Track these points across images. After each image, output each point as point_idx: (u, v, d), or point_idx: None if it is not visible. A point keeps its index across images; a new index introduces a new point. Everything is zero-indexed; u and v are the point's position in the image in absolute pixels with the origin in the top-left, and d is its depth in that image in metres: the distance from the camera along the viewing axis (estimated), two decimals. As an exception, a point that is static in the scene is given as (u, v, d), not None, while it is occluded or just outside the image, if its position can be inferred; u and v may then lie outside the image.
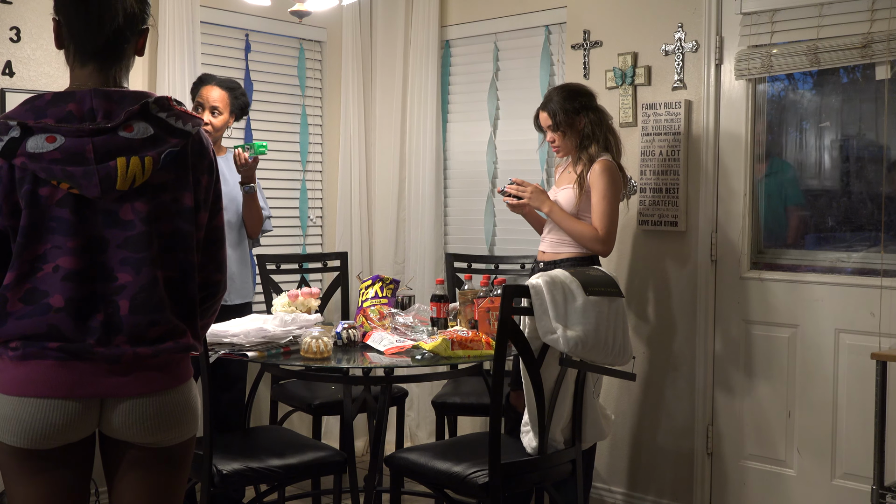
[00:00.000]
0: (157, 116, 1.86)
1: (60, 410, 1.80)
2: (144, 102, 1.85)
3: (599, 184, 3.48)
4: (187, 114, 1.91)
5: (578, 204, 3.51)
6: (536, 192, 3.56)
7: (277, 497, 3.77)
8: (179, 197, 1.90)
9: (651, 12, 3.94)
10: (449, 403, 3.94)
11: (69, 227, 1.81)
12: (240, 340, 3.07)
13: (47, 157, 1.77)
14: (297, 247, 4.80)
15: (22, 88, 3.63)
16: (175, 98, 1.93)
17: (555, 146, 3.63)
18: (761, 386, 3.71)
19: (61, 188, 1.80)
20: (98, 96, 1.84)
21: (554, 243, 3.60)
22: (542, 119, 3.63)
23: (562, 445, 3.02)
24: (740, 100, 3.72)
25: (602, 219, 3.48)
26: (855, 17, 3.36)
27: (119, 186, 1.80)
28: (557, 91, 3.63)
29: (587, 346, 2.81)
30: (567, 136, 3.58)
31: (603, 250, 3.52)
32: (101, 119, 1.82)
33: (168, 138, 1.86)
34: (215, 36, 4.37)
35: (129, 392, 1.84)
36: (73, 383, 1.80)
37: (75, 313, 1.80)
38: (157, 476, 1.92)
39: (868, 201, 3.51)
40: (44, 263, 1.81)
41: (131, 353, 1.82)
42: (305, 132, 4.81)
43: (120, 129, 1.81)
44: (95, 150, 1.78)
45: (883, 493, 3.07)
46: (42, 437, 1.80)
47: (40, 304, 1.80)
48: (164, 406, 1.87)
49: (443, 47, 4.80)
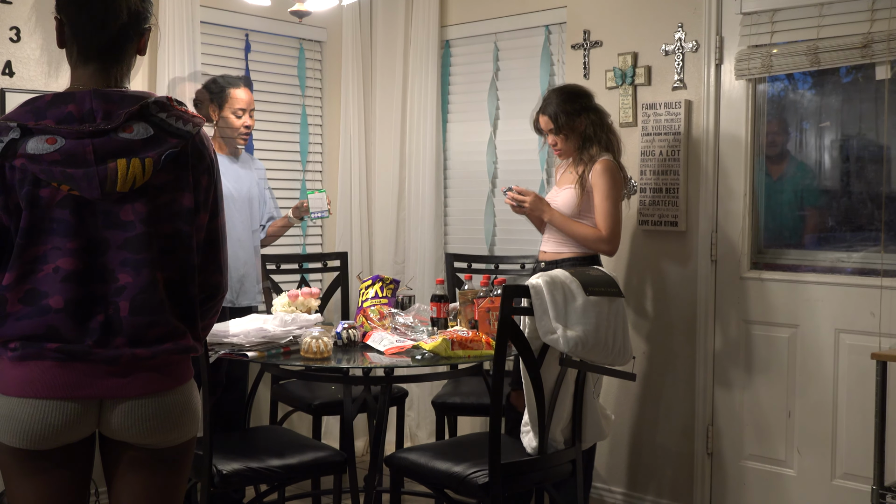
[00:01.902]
0: (157, 117, 1.86)
1: (59, 411, 1.80)
2: (144, 103, 1.84)
3: (601, 184, 3.48)
4: (187, 114, 1.91)
5: (580, 204, 3.51)
6: (535, 200, 3.56)
7: (277, 497, 3.77)
8: (178, 198, 1.89)
9: (651, 12, 3.94)
10: (449, 403, 3.94)
11: (69, 229, 1.81)
12: (240, 340, 3.07)
13: (47, 159, 1.77)
14: (297, 247, 4.80)
15: (22, 88, 3.63)
16: (176, 98, 1.93)
17: (557, 149, 3.63)
18: (761, 386, 3.71)
19: (62, 190, 1.80)
20: (97, 97, 1.83)
21: (556, 243, 3.60)
22: (543, 122, 3.62)
23: (562, 445, 3.02)
24: (740, 100, 3.72)
25: (606, 219, 3.48)
26: (855, 17, 3.36)
27: (119, 188, 1.80)
28: (556, 93, 3.62)
29: (587, 346, 2.81)
30: (569, 139, 3.58)
31: (609, 250, 3.53)
32: (100, 120, 1.81)
33: (168, 139, 1.85)
34: (215, 36, 4.37)
35: (127, 393, 1.84)
36: (72, 384, 1.80)
37: (74, 314, 1.80)
38: (156, 477, 1.91)
39: (868, 201, 3.51)
40: (43, 264, 1.81)
41: (129, 354, 1.82)
42: (305, 132, 4.81)
43: (119, 131, 1.81)
44: (95, 151, 1.78)
45: (883, 493, 3.07)
46: (41, 437, 1.80)
47: (39, 305, 1.80)
48: (163, 407, 1.87)
49: (443, 47, 4.80)
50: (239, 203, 3.78)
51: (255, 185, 3.92)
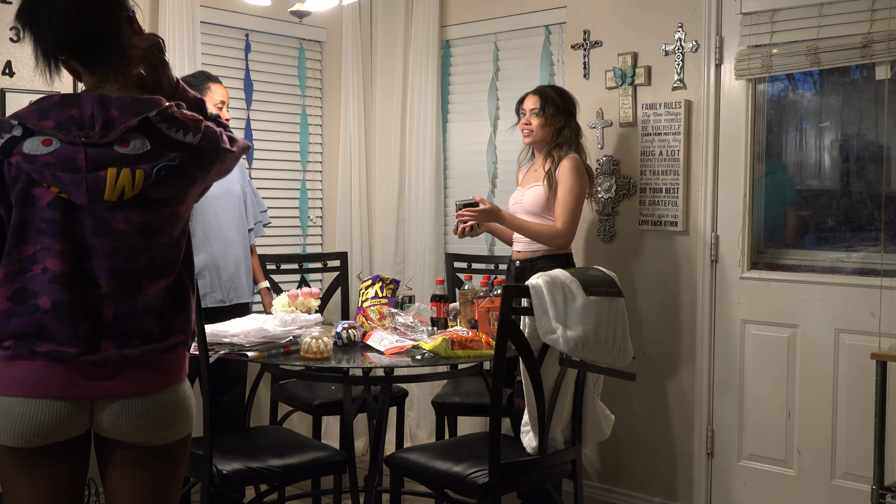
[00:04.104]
0: (158, 128, 1.82)
1: (48, 410, 1.81)
2: (144, 118, 1.81)
3: (567, 179, 3.60)
4: (190, 122, 1.87)
5: (548, 200, 3.63)
6: (484, 212, 3.62)
7: (277, 497, 3.77)
8: (178, 209, 1.89)
9: (651, 12, 3.94)
10: (449, 403, 3.94)
11: (57, 230, 1.81)
12: (240, 340, 3.07)
13: (41, 160, 1.77)
14: (297, 247, 4.80)
15: (22, 88, 3.63)
16: (177, 102, 1.89)
17: (528, 128, 3.73)
18: (761, 386, 3.71)
19: (52, 191, 1.80)
20: (99, 103, 1.82)
21: (529, 242, 3.70)
22: (530, 101, 3.74)
23: (562, 445, 3.03)
24: (740, 100, 3.72)
25: (564, 212, 3.60)
26: (855, 17, 3.36)
27: (107, 197, 1.78)
28: (552, 86, 3.82)
29: (587, 346, 2.81)
30: (544, 127, 3.70)
31: (563, 243, 3.65)
32: (99, 128, 1.80)
33: (166, 152, 1.82)
34: (215, 36, 4.37)
35: (117, 393, 1.84)
36: (62, 384, 1.81)
37: (62, 316, 1.81)
38: (149, 475, 1.92)
39: (868, 201, 3.51)
40: (33, 264, 1.82)
41: (118, 355, 1.83)
42: (305, 132, 4.81)
43: (115, 144, 1.79)
44: (87, 159, 1.77)
45: (883, 493, 3.07)
46: (32, 435, 1.81)
47: (29, 305, 1.81)
48: (153, 406, 1.87)
49: (443, 47, 4.80)
50: (225, 201, 3.74)
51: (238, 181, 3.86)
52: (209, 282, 3.68)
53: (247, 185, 3.95)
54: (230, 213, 3.76)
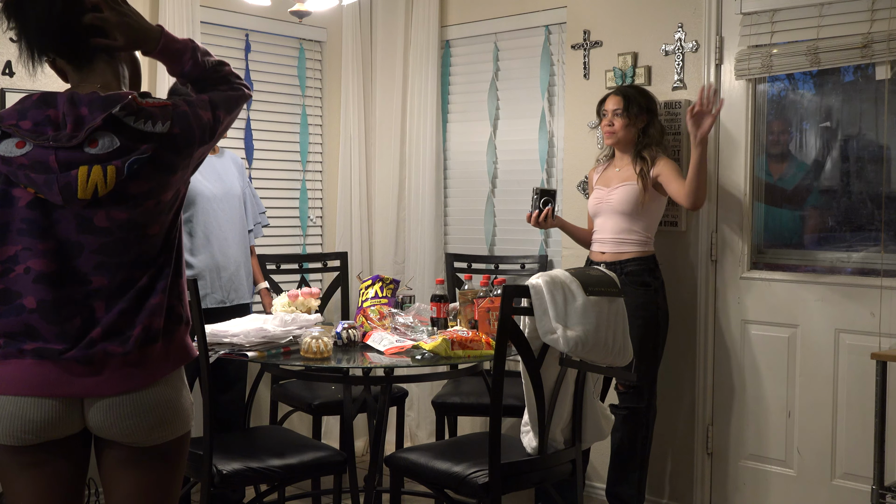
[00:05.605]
0: (124, 122, 1.80)
1: (36, 408, 1.81)
2: (107, 116, 1.79)
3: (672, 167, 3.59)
4: (157, 110, 1.84)
5: (644, 198, 3.59)
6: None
7: (277, 497, 3.78)
8: (163, 198, 1.87)
9: (651, 12, 3.94)
10: (449, 403, 3.94)
11: (39, 230, 1.81)
12: (240, 340, 3.07)
13: (16, 162, 1.78)
14: (297, 247, 4.80)
15: (22, 88, 3.63)
16: (142, 92, 1.87)
17: (610, 130, 3.68)
18: (761, 386, 3.71)
19: (30, 192, 1.80)
20: (69, 102, 1.81)
21: (616, 243, 3.65)
22: (613, 102, 3.68)
23: (562, 445, 3.02)
24: (740, 100, 3.72)
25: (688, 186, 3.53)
26: (855, 17, 3.36)
27: (80, 196, 1.78)
28: (632, 86, 3.77)
29: (587, 346, 2.81)
30: (628, 128, 3.66)
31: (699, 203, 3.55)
32: (70, 128, 1.79)
33: (137, 145, 1.81)
34: (215, 36, 4.37)
35: (103, 391, 1.83)
36: (50, 383, 1.81)
37: (49, 316, 1.81)
38: (145, 474, 1.91)
39: (868, 201, 3.51)
40: (15, 265, 1.82)
41: (101, 351, 1.82)
42: (305, 132, 4.81)
43: (84, 146, 1.78)
44: (58, 161, 1.77)
45: (883, 493, 3.07)
46: (23, 433, 1.82)
47: (14, 305, 1.81)
48: (142, 404, 1.85)
49: (443, 47, 4.80)
50: (225, 202, 3.73)
51: (238, 182, 3.85)
52: (209, 282, 3.67)
53: (246, 186, 3.94)
54: (230, 214, 3.76)
